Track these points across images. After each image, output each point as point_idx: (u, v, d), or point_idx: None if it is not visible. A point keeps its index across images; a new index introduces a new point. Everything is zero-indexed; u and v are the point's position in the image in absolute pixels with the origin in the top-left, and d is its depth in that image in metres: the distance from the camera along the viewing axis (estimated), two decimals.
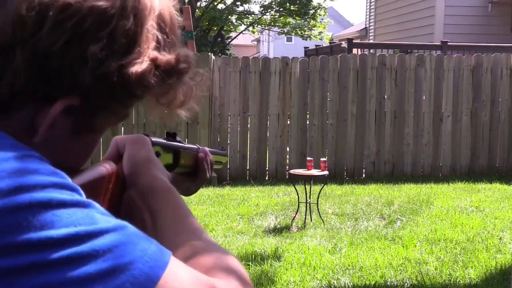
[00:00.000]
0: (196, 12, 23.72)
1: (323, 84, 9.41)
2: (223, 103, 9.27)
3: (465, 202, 7.58)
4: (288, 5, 25.56)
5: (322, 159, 7.10)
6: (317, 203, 6.73)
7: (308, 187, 6.70)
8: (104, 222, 0.64)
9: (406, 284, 4.73)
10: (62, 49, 0.69)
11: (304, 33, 26.58)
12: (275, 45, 40.80)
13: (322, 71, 9.39)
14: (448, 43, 12.11)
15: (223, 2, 26.47)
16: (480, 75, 9.63)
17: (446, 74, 9.61)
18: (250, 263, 5.12)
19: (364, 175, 9.48)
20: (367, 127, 9.46)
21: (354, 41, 12.66)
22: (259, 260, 5.21)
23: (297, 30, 26.71)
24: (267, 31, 32.10)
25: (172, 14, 0.80)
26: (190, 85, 0.81)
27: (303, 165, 8.21)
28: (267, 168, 9.38)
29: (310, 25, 26.28)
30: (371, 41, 18.57)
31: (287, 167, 9.23)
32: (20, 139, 0.70)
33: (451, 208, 7.22)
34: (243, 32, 29.91)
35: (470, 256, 5.37)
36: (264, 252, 5.45)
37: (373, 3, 19.63)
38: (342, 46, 12.71)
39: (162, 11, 0.78)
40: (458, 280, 4.81)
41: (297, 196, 6.77)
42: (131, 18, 0.73)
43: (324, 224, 6.49)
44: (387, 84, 9.50)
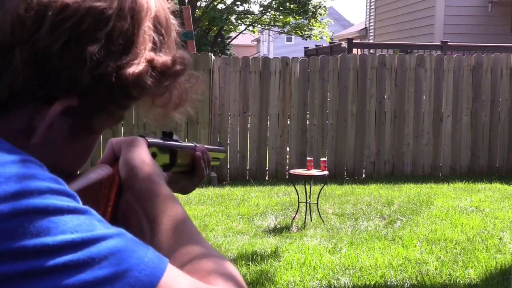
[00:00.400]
0: (196, 12, 23.72)
1: (323, 84, 9.41)
2: (223, 103, 9.27)
3: (465, 202, 7.58)
4: (288, 4, 25.56)
5: (322, 159, 7.10)
6: (317, 203, 6.73)
7: (308, 187, 6.70)
8: (100, 229, 0.64)
9: (406, 284, 4.73)
10: (60, 49, 0.69)
11: (304, 33, 26.58)
12: (275, 45, 40.81)
13: (322, 71, 9.39)
14: (448, 43, 12.11)
15: (223, 2, 26.47)
16: (480, 75, 9.63)
17: (446, 74, 9.61)
18: (250, 263, 5.12)
19: (364, 175, 9.48)
20: (367, 127, 9.46)
21: (354, 41, 12.66)
22: (259, 260, 5.21)
23: (297, 30, 26.71)
24: (267, 31, 32.10)
25: (168, 15, 0.81)
26: (186, 87, 0.81)
27: (303, 165, 8.21)
28: (267, 168, 9.38)
29: (310, 24, 26.28)
30: (371, 41, 18.57)
31: (287, 167, 9.23)
32: (17, 140, 0.70)
33: (451, 208, 7.22)
34: (243, 32, 29.91)
35: (470, 256, 5.37)
36: (264, 252, 5.45)
37: (373, 3, 19.63)
38: (342, 46, 12.71)
39: (158, 13, 0.79)
40: (458, 280, 4.81)
41: (297, 196, 6.77)
42: (128, 19, 0.73)
43: (324, 224, 6.49)
44: (387, 84, 9.50)
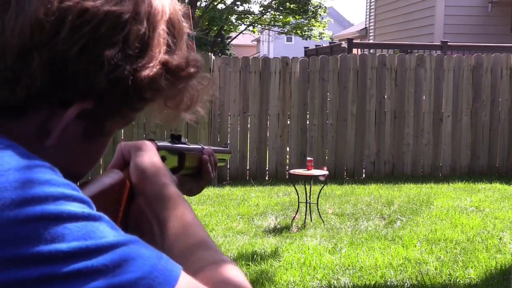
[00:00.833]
0: (196, 12, 23.72)
1: (323, 84, 9.41)
2: (223, 103, 9.27)
3: (465, 202, 7.58)
4: (288, 4, 25.56)
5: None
6: (317, 203, 6.73)
7: (308, 187, 6.70)
8: (114, 236, 0.64)
9: (406, 284, 4.73)
10: (78, 53, 0.69)
11: (304, 33, 26.58)
12: (275, 45, 40.81)
13: (322, 71, 9.39)
14: (448, 43, 12.11)
15: (223, 2, 26.47)
16: (480, 75, 9.64)
17: (446, 74, 9.61)
18: (250, 263, 5.12)
19: (364, 175, 9.48)
20: (367, 127, 9.46)
21: (354, 41, 12.66)
22: (259, 260, 5.22)
23: (297, 30, 26.72)
24: (267, 31, 32.11)
25: (180, 18, 0.81)
26: (198, 89, 0.82)
27: (303, 165, 8.21)
28: (267, 168, 9.38)
29: (310, 24, 26.28)
30: (371, 41, 18.57)
31: (287, 167, 9.23)
32: (31, 142, 0.70)
33: (451, 208, 7.22)
34: (243, 32, 29.91)
35: (470, 256, 5.37)
36: (264, 252, 5.45)
37: (373, 3, 19.63)
38: (342, 46, 12.71)
39: (172, 16, 0.79)
40: (458, 280, 4.81)
41: (297, 196, 6.77)
42: (145, 23, 0.74)
43: (324, 224, 6.49)
44: (387, 84, 9.50)
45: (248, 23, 27.94)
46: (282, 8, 25.95)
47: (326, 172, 6.91)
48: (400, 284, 4.73)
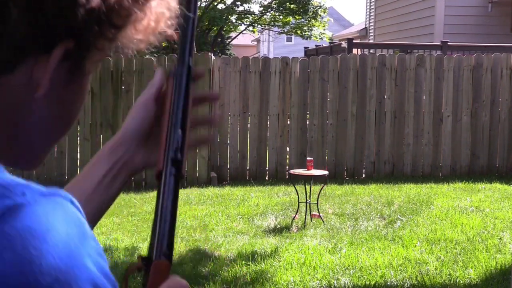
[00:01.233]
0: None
1: (323, 84, 9.41)
2: (223, 103, 9.27)
3: (465, 202, 7.58)
4: (288, 4, 25.56)
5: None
6: (317, 203, 6.73)
7: (308, 187, 6.70)
8: None
9: (406, 284, 4.73)
10: None
11: (304, 33, 26.58)
12: (275, 45, 40.81)
13: (322, 71, 9.39)
14: (448, 43, 12.11)
15: (223, 2, 26.47)
16: (480, 75, 9.64)
17: (446, 74, 9.61)
18: (250, 263, 5.12)
19: (364, 175, 9.48)
20: (367, 127, 9.46)
21: (354, 41, 12.66)
22: (259, 260, 5.22)
23: (297, 30, 26.72)
24: (267, 31, 32.11)
25: None
26: (160, 11, 0.82)
27: (303, 165, 8.21)
28: (267, 168, 9.38)
29: (310, 24, 26.28)
30: (371, 41, 18.57)
31: (287, 167, 9.23)
32: (22, 96, 0.70)
33: (451, 208, 7.22)
34: (243, 32, 29.91)
35: (470, 256, 5.37)
36: (264, 252, 5.45)
37: (373, 3, 19.63)
38: (342, 46, 12.71)
39: None
40: (458, 280, 4.81)
41: (297, 196, 6.77)
42: None
43: (324, 224, 6.49)
44: (387, 84, 9.50)
45: (248, 23, 27.93)
46: (282, 9, 25.95)
47: (326, 172, 6.92)
48: (400, 284, 4.73)
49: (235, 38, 31.79)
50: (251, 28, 28.70)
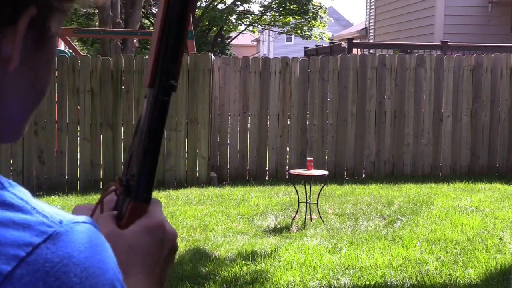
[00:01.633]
0: (196, 12, 23.72)
1: (323, 84, 9.41)
2: (223, 103, 9.27)
3: (465, 202, 7.58)
4: (287, 4, 25.57)
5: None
6: (317, 203, 6.73)
7: (308, 187, 6.70)
8: None
9: (406, 284, 4.73)
10: None
11: (304, 33, 26.59)
12: (275, 45, 40.81)
13: (322, 71, 9.40)
14: (448, 43, 12.12)
15: (223, 2, 26.48)
16: (480, 75, 9.64)
17: (446, 74, 9.61)
18: (250, 263, 5.12)
19: (364, 175, 9.48)
20: (367, 127, 9.46)
21: (354, 41, 12.66)
22: (259, 260, 5.22)
23: (297, 30, 26.73)
24: (267, 31, 32.11)
25: None
26: None
27: (303, 165, 8.21)
28: (267, 168, 9.38)
29: (310, 24, 26.29)
30: (371, 41, 18.57)
31: (287, 167, 9.23)
32: None
33: (451, 208, 7.23)
34: (243, 32, 29.92)
35: (470, 256, 5.37)
36: (264, 252, 5.45)
37: (373, 3, 19.63)
38: (342, 46, 12.71)
39: None
40: (458, 280, 4.81)
41: (297, 196, 6.77)
42: None
43: (324, 224, 6.49)
44: (387, 84, 9.50)
45: (248, 23, 27.94)
46: (282, 9, 25.97)
47: (326, 172, 6.92)
48: (400, 284, 4.73)
49: (235, 38, 31.81)
50: (251, 28, 28.71)
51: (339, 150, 9.44)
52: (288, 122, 9.40)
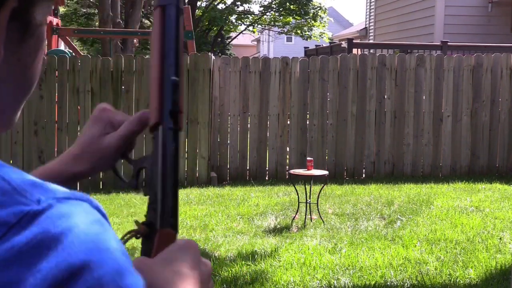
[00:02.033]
0: (196, 12, 23.73)
1: (323, 84, 9.41)
2: (223, 103, 9.27)
3: (465, 202, 7.58)
4: (287, 4, 25.57)
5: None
6: (317, 203, 6.73)
7: (308, 187, 6.70)
8: None
9: (406, 284, 4.73)
10: None
11: (304, 33, 26.59)
12: (275, 45, 40.80)
13: (322, 71, 9.39)
14: (448, 43, 12.12)
15: (223, 2, 26.48)
16: (480, 75, 9.64)
17: (446, 74, 9.61)
18: (250, 263, 5.12)
19: (364, 175, 9.48)
20: (367, 127, 9.46)
21: (354, 41, 12.66)
22: (259, 260, 5.22)
23: (297, 30, 26.73)
24: (267, 31, 32.11)
25: None
26: None
27: (303, 165, 8.21)
28: (267, 168, 9.38)
29: (310, 24, 26.29)
30: (371, 41, 18.57)
31: (287, 167, 9.23)
32: None
33: (451, 208, 7.23)
34: (243, 32, 29.92)
35: (470, 256, 5.37)
36: (264, 252, 5.45)
37: (373, 3, 19.63)
38: (342, 46, 12.71)
39: None
40: (458, 280, 4.81)
41: (297, 196, 6.77)
42: None
43: (324, 224, 6.49)
44: (387, 84, 9.50)
45: (248, 23, 27.94)
46: (282, 9, 25.97)
47: (326, 172, 6.92)
48: (400, 284, 4.73)
49: (235, 38, 31.80)
50: (251, 28, 28.70)
51: (339, 150, 9.44)
52: (288, 122, 9.40)
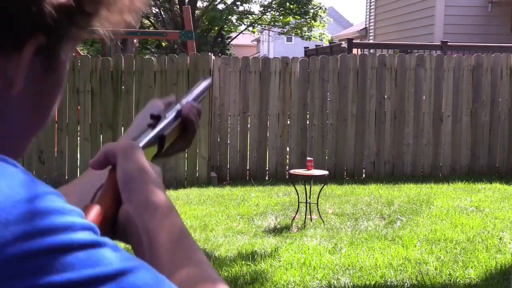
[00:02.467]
0: (196, 12, 23.73)
1: (323, 84, 9.41)
2: (223, 103, 9.27)
3: (465, 202, 7.58)
4: (287, 4, 25.57)
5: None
6: (317, 203, 6.73)
7: (308, 187, 6.70)
8: (121, 261, 0.63)
9: (406, 284, 4.73)
10: None
11: (304, 33, 26.59)
12: (275, 45, 40.81)
13: (322, 71, 9.39)
14: (448, 43, 12.11)
15: (223, 2, 26.48)
16: (480, 75, 9.64)
17: (446, 74, 9.61)
18: (250, 263, 5.12)
19: (364, 175, 9.48)
20: (367, 127, 9.46)
21: (354, 41, 12.67)
22: (259, 260, 5.22)
23: (297, 30, 26.72)
24: (267, 31, 32.11)
25: None
26: None
27: (303, 165, 8.21)
28: (267, 168, 9.38)
29: (310, 24, 26.29)
30: (371, 41, 18.57)
31: (287, 167, 9.23)
32: None
33: (451, 208, 7.23)
34: (243, 32, 29.92)
35: (470, 256, 5.37)
36: (264, 252, 5.45)
37: (373, 3, 19.63)
38: (342, 46, 12.71)
39: None
40: (458, 280, 4.81)
41: (297, 196, 6.77)
42: None
43: (324, 224, 6.49)
44: (387, 84, 9.50)
45: (248, 23, 27.94)
46: (282, 9, 25.97)
47: (326, 172, 6.92)
48: (400, 284, 4.73)
49: (235, 38, 31.80)
50: (251, 28, 28.70)
51: (339, 150, 9.44)
52: (288, 122, 9.40)
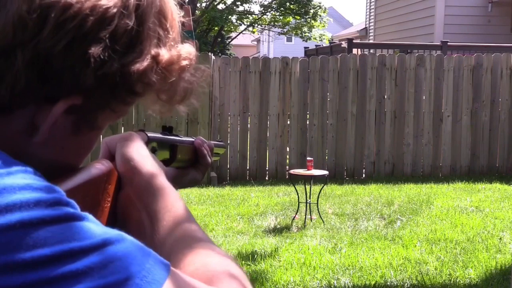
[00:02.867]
0: (196, 12, 23.72)
1: (323, 84, 9.41)
2: (223, 103, 9.27)
3: (465, 202, 7.58)
4: (288, 4, 25.57)
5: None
6: (317, 203, 6.73)
7: (308, 187, 6.70)
8: (99, 235, 0.62)
9: (406, 284, 4.73)
10: (63, 50, 0.67)
11: (304, 34, 26.58)
12: (275, 45, 40.80)
13: (322, 71, 9.39)
14: (448, 43, 12.11)
15: (223, 2, 26.47)
16: (480, 75, 9.63)
17: (446, 74, 9.61)
18: (250, 263, 5.12)
19: (364, 175, 9.48)
20: (367, 127, 9.46)
21: (354, 41, 12.66)
22: (259, 260, 5.22)
23: (297, 31, 26.72)
24: (267, 31, 32.11)
25: (173, 9, 0.79)
26: (191, 81, 0.80)
27: (303, 165, 8.21)
28: (267, 168, 9.38)
29: (310, 24, 26.28)
30: (371, 41, 18.57)
31: (287, 167, 9.23)
32: (19, 139, 0.69)
33: (451, 208, 7.22)
34: (243, 32, 29.91)
35: (470, 256, 5.37)
36: (264, 252, 5.45)
37: (373, 3, 19.63)
38: (342, 46, 12.70)
39: (163, 7, 0.77)
40: (458, 280, 4.81)
41: (297, 196, 6.77)
42: (133, 17, 0.72)
43: (324, 224, 6.49)
44: (387, 84, 9.50)
45: (248, 23, 27.93)
46: (282, 9, 25.96)
47: (326, 172, 6.92)
48: (400, 284, 4.73)
49: (235, 38, 31.80)
50: (251, 28, 28.70)
51: (339, 150, 9.44)
52: (288, 122, 9.39)
